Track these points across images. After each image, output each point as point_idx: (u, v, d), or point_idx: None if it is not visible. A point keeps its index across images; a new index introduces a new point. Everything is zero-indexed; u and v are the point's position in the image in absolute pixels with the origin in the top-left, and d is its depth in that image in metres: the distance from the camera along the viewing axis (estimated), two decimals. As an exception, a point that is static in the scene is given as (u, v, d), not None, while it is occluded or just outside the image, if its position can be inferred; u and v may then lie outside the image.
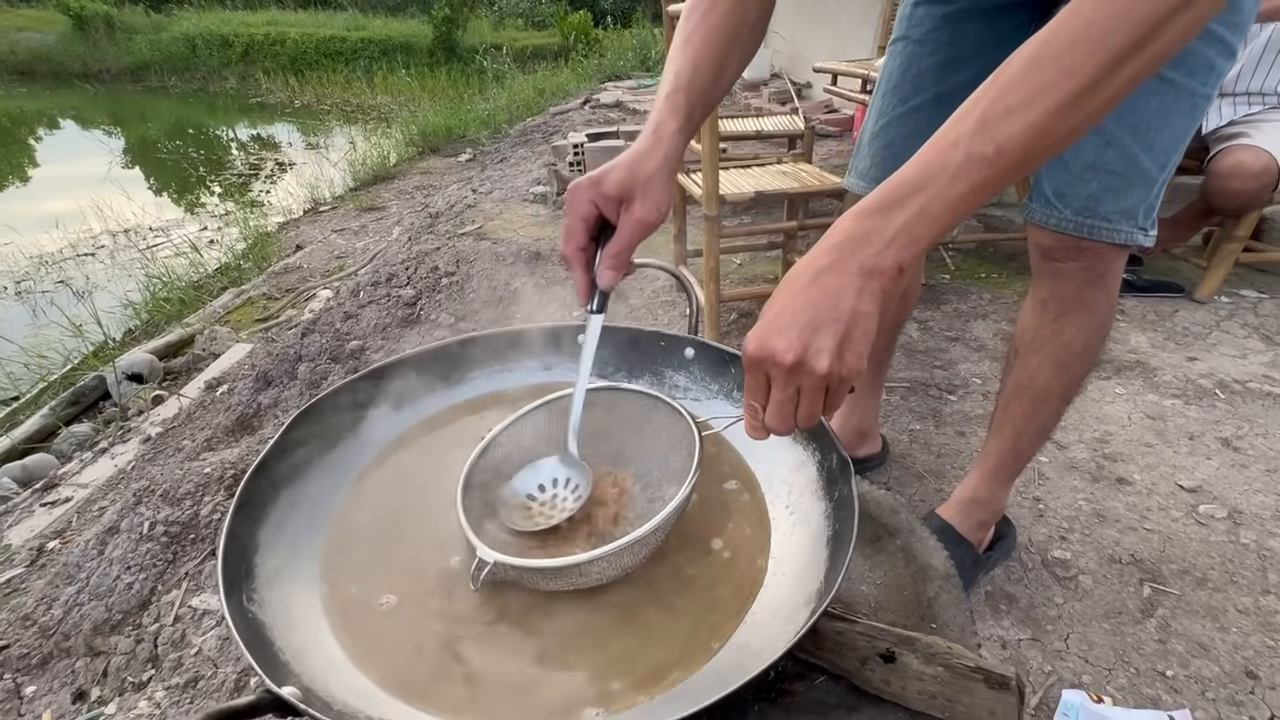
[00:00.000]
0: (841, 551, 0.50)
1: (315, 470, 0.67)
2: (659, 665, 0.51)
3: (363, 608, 0.54)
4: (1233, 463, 1.45)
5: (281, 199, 5.03)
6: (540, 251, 2.40)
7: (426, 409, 0.82)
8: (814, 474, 0.65)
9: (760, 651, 0.49)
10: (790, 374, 0.51)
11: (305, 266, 3.51)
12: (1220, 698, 0.99)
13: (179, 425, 2.13)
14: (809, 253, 0.53)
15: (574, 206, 0.63)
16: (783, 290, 0.52)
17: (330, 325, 2.11)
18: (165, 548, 1.37)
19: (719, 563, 0.61)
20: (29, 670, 1.24)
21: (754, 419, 0.56)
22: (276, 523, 0.59)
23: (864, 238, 0.50)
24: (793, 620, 0.50)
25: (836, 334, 0.50)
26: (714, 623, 0.55)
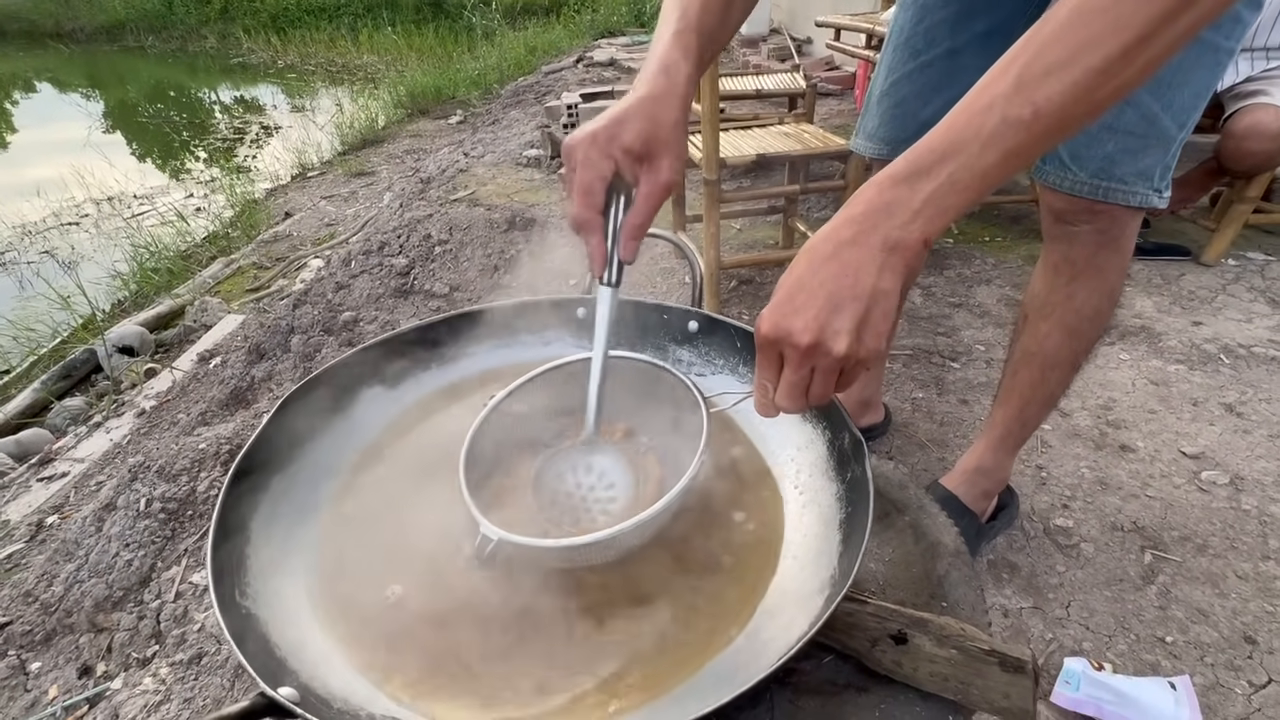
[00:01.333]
0: (857, 536, 0.49)
1: (308, 454, 0.65)
2: (676, 656, 0.50)
3: (366, 600, 0.52)
4: (1236, 428, 1.44)
5: (268, 164, 4.90)
6: (535, 218, 2.35)
7: (423, 387, 0.80)
8: (824, 453, 0.63)
9: (775, 639, 0.48)
10: (806, 355, 0.48)
11: (295, 235, 3.44)
12: (1219, 663, 1.00)
13: (173, 398, 2.10)
14: (828, 225, 0.50)
15: (589, 163, 0.56)
16: (799, 265, 0.49)
17: (322, 296, 2.07)
18: (163, 524, 1.36)
19: (729, 545, 0.60)
20: (33, 647, 1.24)
21: (764, 397, 0.54)
22: (269, 511, 0.57)
23: (888, 209, 0.47)
24: (807, 606, 0.49)
25: (856, 314, 0.47)
26: (729, 609, 0.53)
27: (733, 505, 0.64)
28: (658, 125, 0.57)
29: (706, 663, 0.49)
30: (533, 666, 0.50)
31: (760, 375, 0.53)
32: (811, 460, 0.64)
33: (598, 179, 0.57)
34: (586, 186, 0.57)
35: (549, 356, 0.87)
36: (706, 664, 0.49)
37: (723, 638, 0.51)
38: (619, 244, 0.60)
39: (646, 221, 0.60)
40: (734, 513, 0.64)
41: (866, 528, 0.48)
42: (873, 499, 0.51)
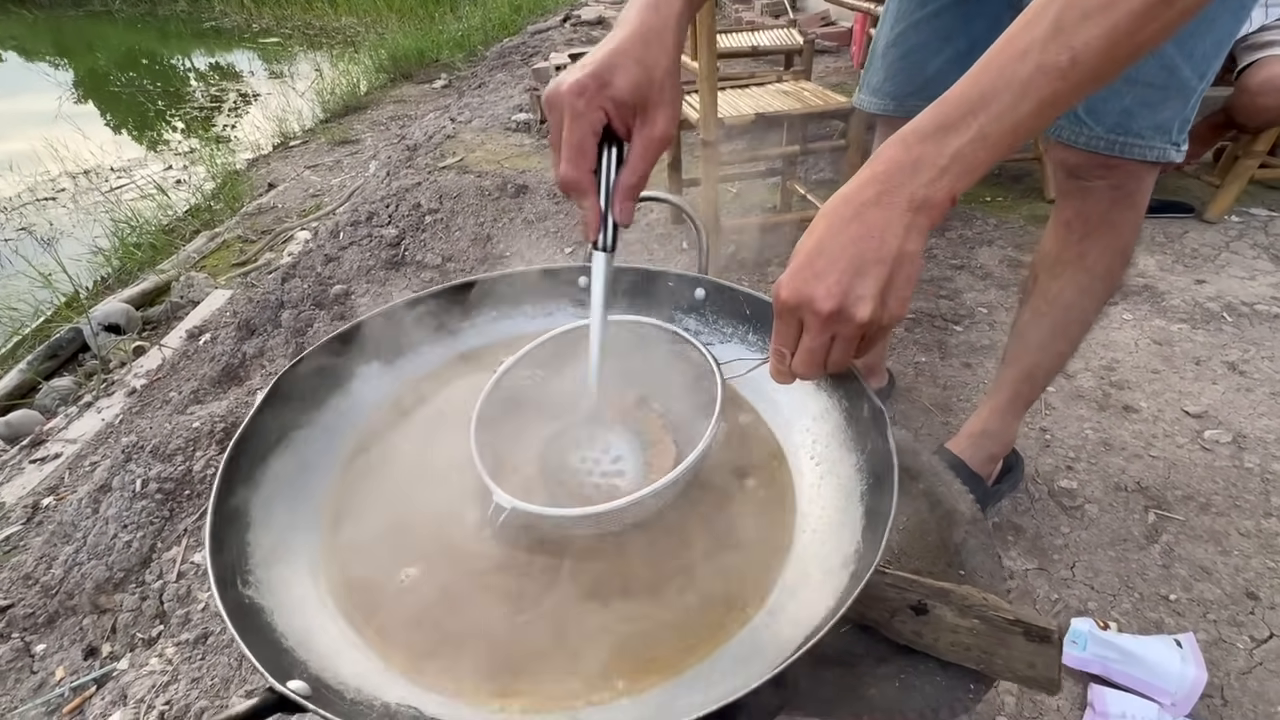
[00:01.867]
0: (881, 509, 0.47)
1: (306, 434, 0.63)
2: (690, 635, 0.49)
3: (379, 583, 0.51)
4: (1238, 387, 1.44)
5: (248, 133, 4.75)
6: (527, 184, 2.28)
7: (421, 362, 0.77)
8: (841, 423, 0.61)
9: (798, 616, 0.46)
10: (827, 321, 0.46)
11: (280, 206, 3.35)
12: (1221, 619, 1.01)
13: (163, 377, 2.07)
14: (848, 184, 0.47)
15: (577, 116, 0.50)
16: (819, 227, 0.47)
17: (311, 269, 2.02)
18: (160, 505, 1.34)
19: (743, 518, 0.58)
20: (36, 629, 1.24)
21: (781, 364, 0.52)
22: (268, 494, 0.55)
23: (914, 166, 0.44)
24: (829, 582, 0.47)
25: (880, 278, 0.45)
26: (747, 583, 0.52)
27: (744, 476, 0.63)
28: (650, 70, 0.52)
29: (723, 643, 0.48)
30: (546, 646, 0.48)
31: (777, 341, 0.51)
32: (828, 430, 0.62)
33: (589, 133, 0.52)
34: (577, 143, 0.52)
35: (550, 326, 0.84)
36: (723, 645, 0.48)
37: (739, 616, 0.50)
38: (613, 206, 0.56)
39: (642, 180, 0.56)
40: (746, 482, 0.62)
41: (893, 501, 0.46)
42: (897, 471, 0.49)
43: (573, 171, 0.53)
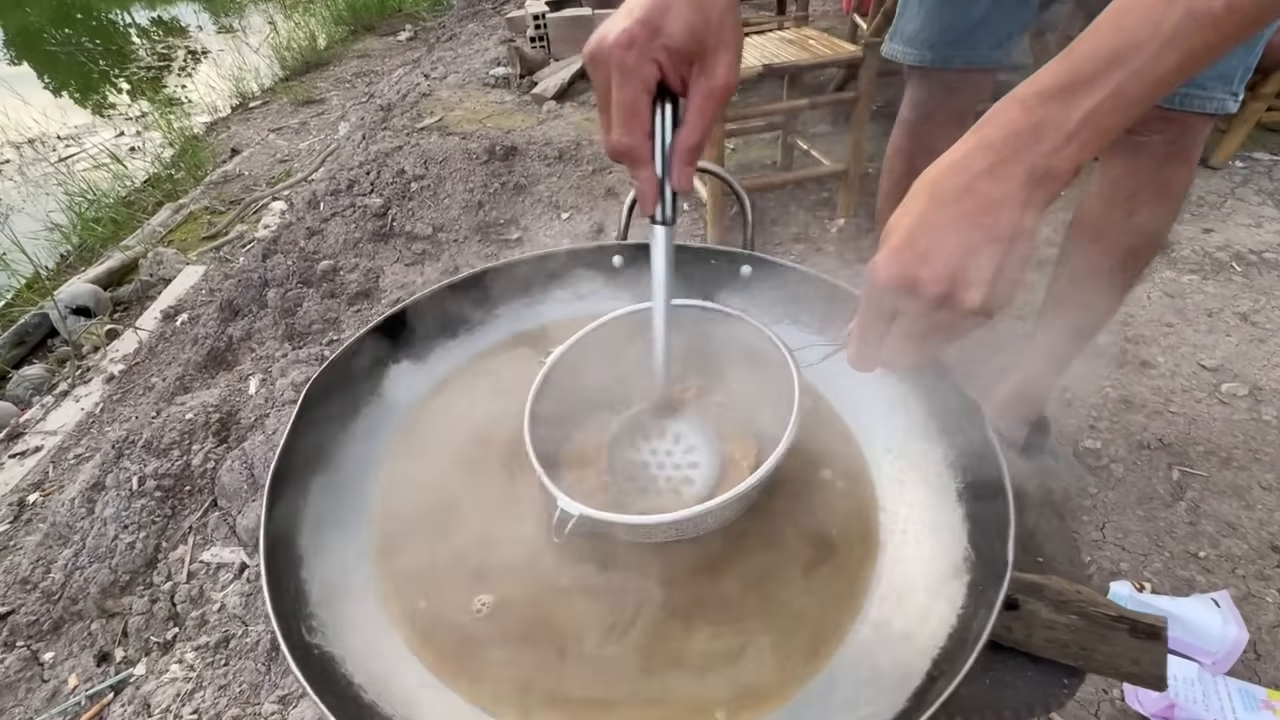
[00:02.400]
0: (993, 511, 0.44)
1: (343, 448, 0.58)
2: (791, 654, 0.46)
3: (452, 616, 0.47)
4: (1251, 338, 1.44)
5: (203, 94, 4.46)
6: (515, 146, 2.17)
7: (453, 356, 0.72)
8: (918, 414, 0.58)
9: (914, 633, 0.44)
10: (931, 307, 0.41)
11: (247, 174, 3.18)
12: (1249, 574, 1.02)
13: (142, 361, 1.97)
14: (954, 152, 0.41)
15: (628, 72, 0.44)
16: (919, 201, 0.41)
17: (294, 244, 1.91)
18: (161, 503, 1.28)
19: (826, 512, 0.55)
20: (42, 636, 1.19)
21: (866, 351, 0.47)
22: (314, 521, 0.50)
23: (1035, 132, 0.39)
24: (942, 592, 0.45)
25: (994, 260, 0.40)
26: (840, 591, 0.49)
27: (820, 466, 0.59)
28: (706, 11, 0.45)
29: (827, 662, 0.45)
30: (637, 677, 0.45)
31: (865, 327, 0.46)
32: (904, 421, 0.59)
33: (641, 91, 0.45)
34: (629, 103, 0.44)
35: (585, 312, 0.79)
36: (827, 664, 0.45)
37: (838, 630, 0.47)
38: (670, 172, 0.49)
39: (703, 140, 0.48)
40: (823, 473, 0.58)
41: (1009, 507, 0.43)
42: (1006, 470, 0.46)
43: (627, 138, 0.46)
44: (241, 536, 1.23)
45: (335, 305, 1.68)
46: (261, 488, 1.30)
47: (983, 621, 0.38)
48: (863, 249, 1.80)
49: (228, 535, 1.24)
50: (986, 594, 0.40)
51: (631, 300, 0.80)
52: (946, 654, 0.39)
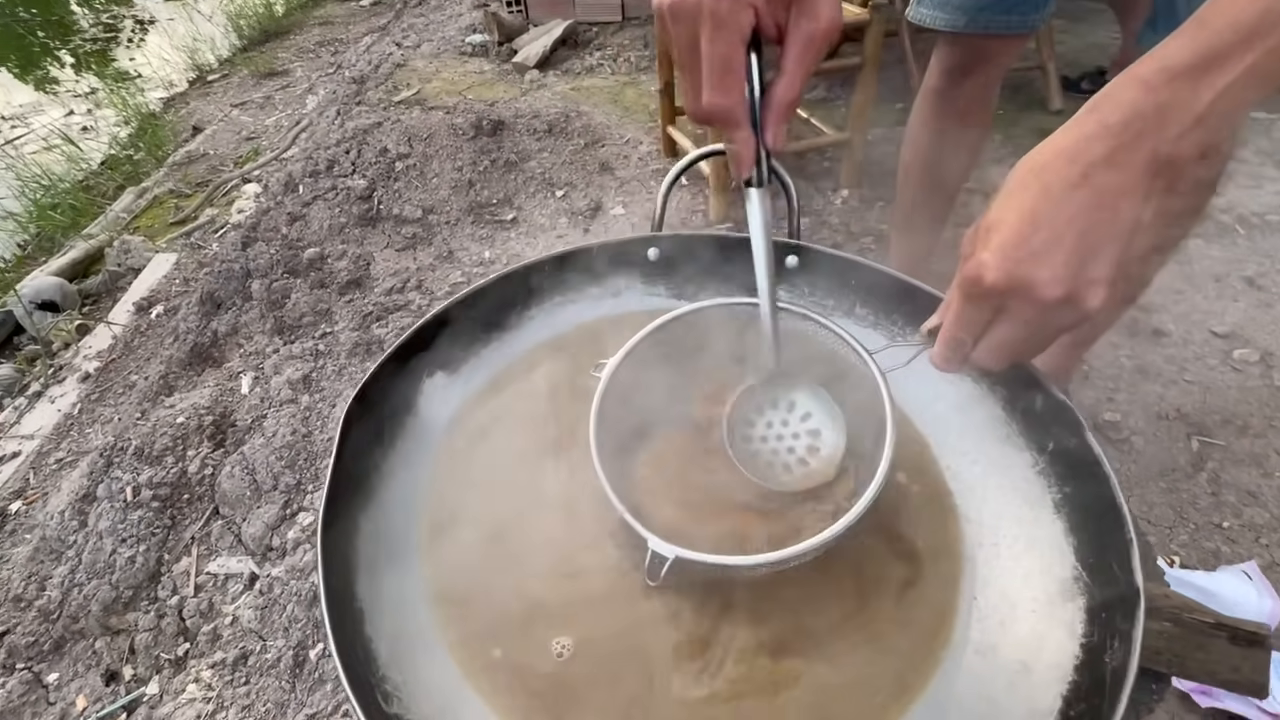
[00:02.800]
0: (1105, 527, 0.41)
1: (385, 478, 0.53)
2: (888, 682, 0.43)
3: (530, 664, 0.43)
4: (1259, 302, 1.45)
5: (157, 68, 4.20)
6: (502, 119, 2.07)
7: (487, 365, 0.67)
8: (997, 414, 0.55)
9: (1026, 663, 0.41)
10: (1046, 310, 0.38)
11: (212, 153, 3.02)
12: (1273, 542, 1.04)
13: (119, 358, 1.88)
14: (1065, 136, 0.38)
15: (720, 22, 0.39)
16: (1030, 192, 0.38)
17: (275, 230, 1.82)
18: (159, 513, 1.22)
19: (906, 524, 0.52)
20: (43, 657, 1.14)
21: (958, 353, 0.44)
22: (368, 567, 0.46)
23: (1160, 115, 0.35)
24: (1054, 618, 0.42)
25: (1114, 259, 0.37)
26: (932, 614, 0.47)
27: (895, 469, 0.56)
28: None
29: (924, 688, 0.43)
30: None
31: (959, 327, 0.43)
32: (978, 423, 0.56)
33: (737, 43, 0.40)
34: (725, 58, 0.40)
35: (622, 309, 0.75)
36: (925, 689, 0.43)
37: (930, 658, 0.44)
38: (764, 130, 0.45)
39: (799, 93, 0.44)
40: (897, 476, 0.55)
41: (1124, 520, 0.41)
42: (1116, 483, 0.43)
43: (723, 98, 0.41)
44: (248, 545, 1.18)
45: (326, 296, 1.60)
46: (263, 493, 1.25)
47: (1120, 657, 0.36)
48: (868, 221, 1.77)
49: (233, 545, 1.19)
50: (1114, 622, 0.38)
51: (668, 295, 0.76)
52: (1078, 689, 0.37)
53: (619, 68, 2.69)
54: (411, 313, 1.56)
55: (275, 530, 1.18)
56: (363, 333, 1.50)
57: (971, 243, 0.42)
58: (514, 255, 1.72)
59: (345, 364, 1.45)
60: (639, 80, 2.56)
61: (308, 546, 1.13)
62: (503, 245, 1.77)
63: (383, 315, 1.55)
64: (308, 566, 1.10)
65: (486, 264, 1.70)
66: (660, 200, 0.74)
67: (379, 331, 1.50)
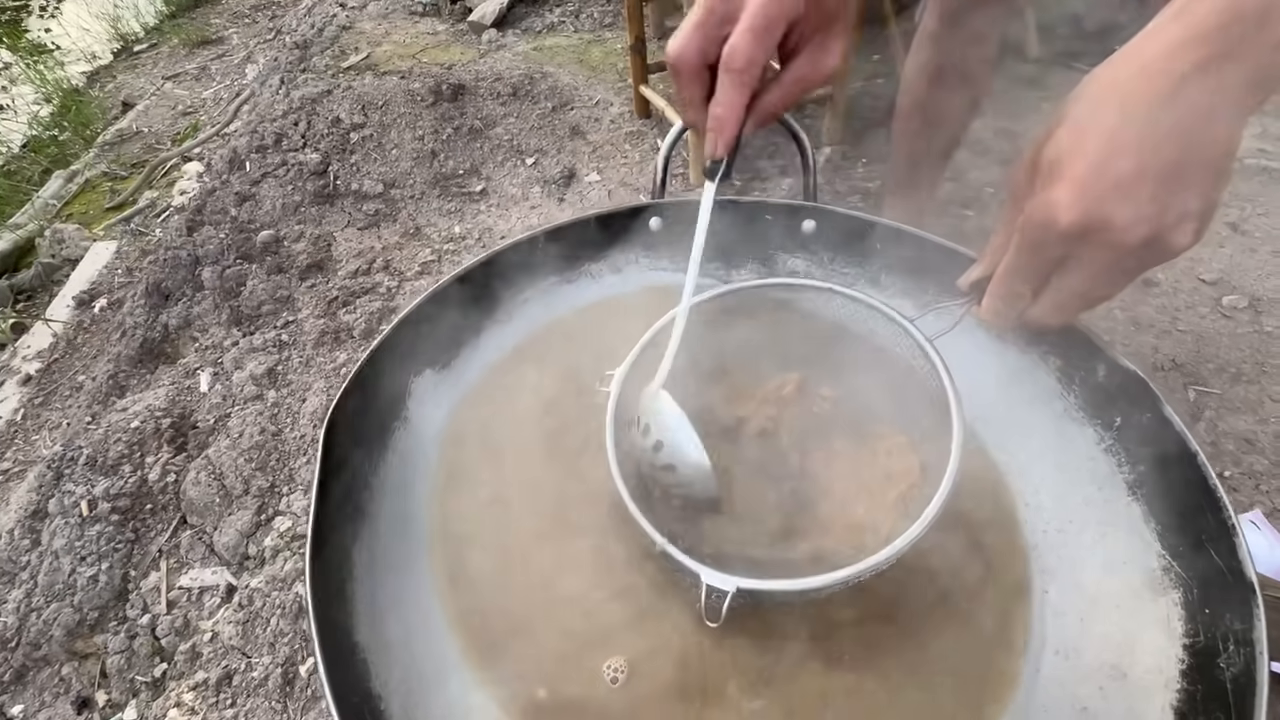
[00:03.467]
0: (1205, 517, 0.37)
1: (378, 496, 0.47)
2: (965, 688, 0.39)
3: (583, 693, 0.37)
4: (1243, 248, 1.44)
5: (76, 39, 3.87)
6: (463, 83, 1.94)
7: (480, 356, 0.60)
8: (1051, 387, 0.51)
9: (1118, 664, 0.37)
10: (1127, 254, 0.33)
11: (146, 131, 2.80)
12: (1272, 489, 1.04)
13: (62, 358, 1.74)
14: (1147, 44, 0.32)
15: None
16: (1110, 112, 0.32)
17: (223, 212, 1.68)
18: (120, 527, 1.13)
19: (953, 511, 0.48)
20: (4, 689, 1.05)
21: (1014, 307, 0.39)
22: (368, 605, 0.39)
23: (1261, 18, 0.29)
24: (1145, 616, 0.38)
25: (1208, 188, 0.32)
26: (995, 613, 0.42)
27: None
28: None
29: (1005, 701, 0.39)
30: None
31: (1017, 278, 0.38)
32: (1029, 397, 0.52)
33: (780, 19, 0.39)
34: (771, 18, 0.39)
35: (624, 288, 0.68)
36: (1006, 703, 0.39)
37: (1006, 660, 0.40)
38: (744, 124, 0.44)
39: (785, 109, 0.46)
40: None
41: (1222, 505, 0.37)
42: (1203, 457, 0.39)
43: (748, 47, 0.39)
44: (223, 555, 1.10)
45: (285, 281, 1.49)
46: (234, 499, 1.16)
47: (1241, 662, 0.32)
48: (854, 179, 1.71)
49: (206, 555, 1.11)
50: (1222, 620, 0.34)
51: (675, 270, 0.70)
52: (1191, 699, 0.33)
53: (582, 24, 2.55)
54: (380, 295, 1.46)
55: (250, 538, 1.10)
56: (329, 320, 1.40)
57: (1029, 178, 0.36)
58: (486, 229, 1.63)
59: (312, 355, 1.35)
60: (604, 38, 2.43)
61: (288, 554, 1.06)
62: (473, 219, 1.66)
63: (349, 300, 1.45)
64: (290, 575, 1.03)
65: (457, 239, 1.60)
66: (660, 164, 0.67)
67: (347, 318, 1.40)
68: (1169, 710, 0.34)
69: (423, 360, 0.56)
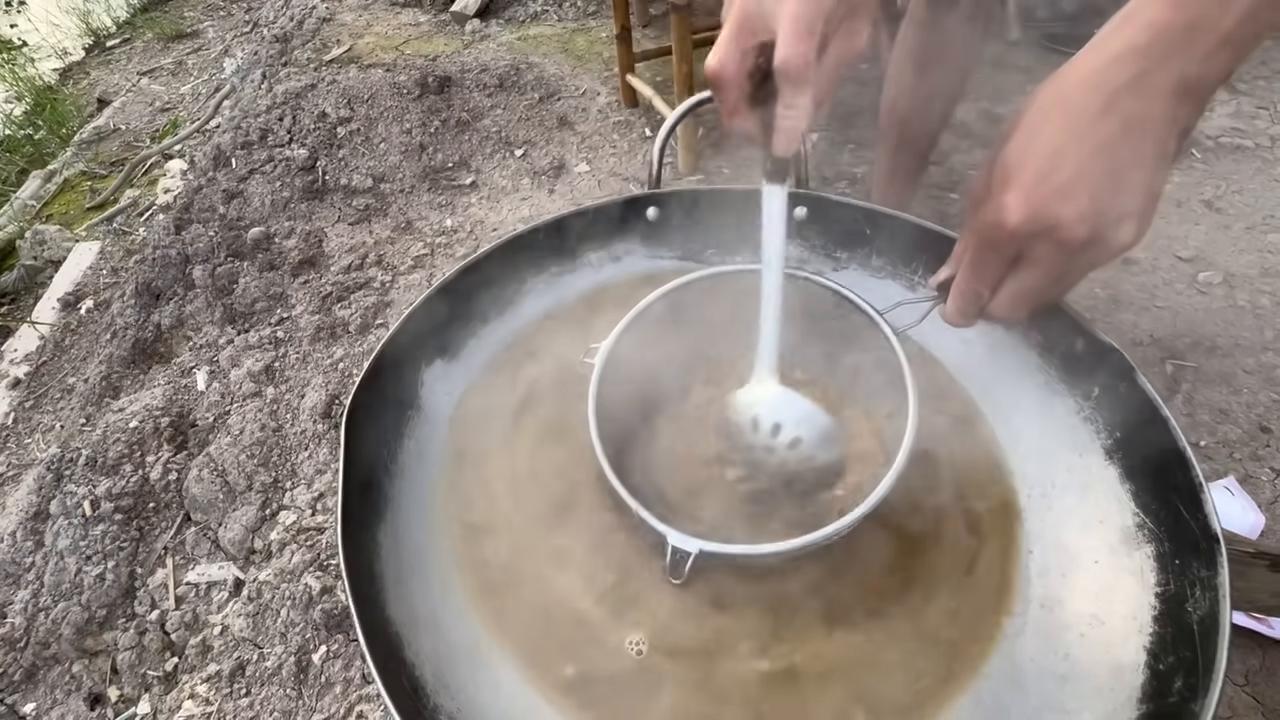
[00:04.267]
0: (1173, 475, 0.40)
1: (397, 480, 0.49)
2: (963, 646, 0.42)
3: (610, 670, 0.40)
4: (1218, 224, 1.49)
5: (46, 34, 3.79)
6: (449, 75, 1.94)
7: (486, 346, 0.62)
8: (1033, 360, 0.54)
9: (1097, 613, 0.40)
10: (1074, 251, 0.36)
11: (124, 128, 2.76)
12: (1245, 456, 1.08)
13: (50, 360, 1.74)
14: (1088, 59, 0.35)
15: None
16: (1054, 124, 0.35)
17: (210, 210, 1.67)
18: (124, 526, 1.14)
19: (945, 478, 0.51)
20: (15, 688, 1.06)
21: (975, 305, 0.42)
22: (395, 584, 0.41)
23: (1187, 35, 0.32)
24: (1121, 568, 0.42)
25: (1143, 190, 0.35)
26: (985, 572, 0.45)
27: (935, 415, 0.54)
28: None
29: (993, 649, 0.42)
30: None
31: (975, 278, 0.41)
32: (1014, 370, 0.55)
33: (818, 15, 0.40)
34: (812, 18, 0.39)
35: (623, 275, 0.70)
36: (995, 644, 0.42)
37: (996, 612, 0.43)
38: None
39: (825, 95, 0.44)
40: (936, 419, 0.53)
41: (1189, 463, 0.40)
42: (1173, 422, 0.42)
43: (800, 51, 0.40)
44: (228, 550, 1.11)
45: (278, 278, 1.49)
46: (237, 495, 1.17)
47: (1206, 605, 0.35)
48: (840, 165, 1.73)
49: (212, 551, 1.12)
50: (1190, 569, 0.37)
51: (672, 257, 0.72)
52: (1162, 641, 0.36)
53: (565, 13, 2.54)
54: (374, 290, 1.47)
55: (256, 533, 1.11)
56: (324, 315, 1.41)
57: (986, 184, 0.39)
58: (477, 221, 1.63)
59: (309, 350, 1.36)
60: (588, 26, 2.42)
61: (294, 547, 1.07)
62: (464, 212, 1.67)
63: (343, 295, 1.45)
64: (298, 568, 1.04)
65: (449, 233, 1.61)
66: (656, 154, 0.69)
67: (342, 313, 1.41)
68: (1142, 651, 0.37)
69: (433, 350, 0.57)
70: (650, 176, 0.70)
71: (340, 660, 0.95)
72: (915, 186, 1.28)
